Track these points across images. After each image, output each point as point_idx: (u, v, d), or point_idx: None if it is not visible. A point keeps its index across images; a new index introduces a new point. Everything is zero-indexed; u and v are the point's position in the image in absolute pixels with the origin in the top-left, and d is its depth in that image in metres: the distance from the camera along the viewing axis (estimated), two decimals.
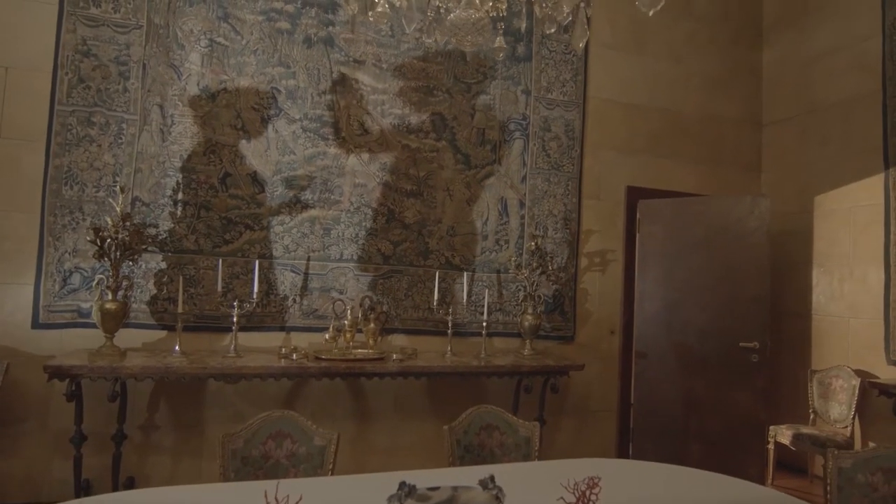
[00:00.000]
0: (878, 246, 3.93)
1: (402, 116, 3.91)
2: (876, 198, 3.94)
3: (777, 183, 4.77)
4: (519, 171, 4.19)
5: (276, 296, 3.64)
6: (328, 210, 3.75)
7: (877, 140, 3.93)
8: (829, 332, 4.28)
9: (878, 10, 3.94)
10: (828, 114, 4.33)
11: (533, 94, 4.22)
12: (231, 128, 3.56)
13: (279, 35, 3.65)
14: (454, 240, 4.02)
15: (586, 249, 4.39)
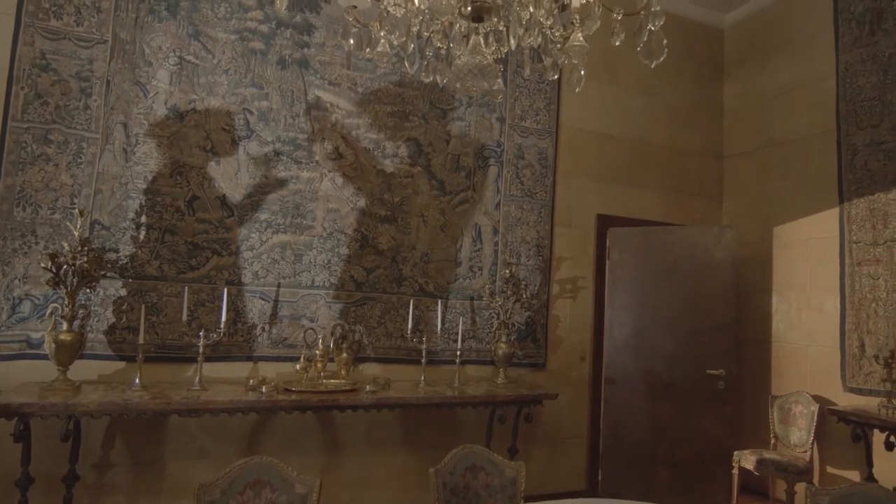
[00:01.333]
0: (833, 277, 4.10)
1: (377, 141, 3.85)
2: (832, 231, 4.13)
3: (738, 213, 4.94)
4: (493, 198, 4.20)
5: (244, 324, 3.50)
6: (300, 235, 3.64)
7: (832, 176, 4.12)
8: (788, 359, 4.43)
9: (833, 52, 4.16)
10: (786, 149, 4.53)
11: (507, 122, 4.25)
12: (200, 149, 3.43)
13: (252, 55, 3.56)
14: (428, 266, 3.97)
15: (558, 276, 4.42)
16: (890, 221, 3.77)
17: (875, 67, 3.89)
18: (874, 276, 3.85)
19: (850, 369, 3.96)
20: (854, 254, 3.97)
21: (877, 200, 3.85)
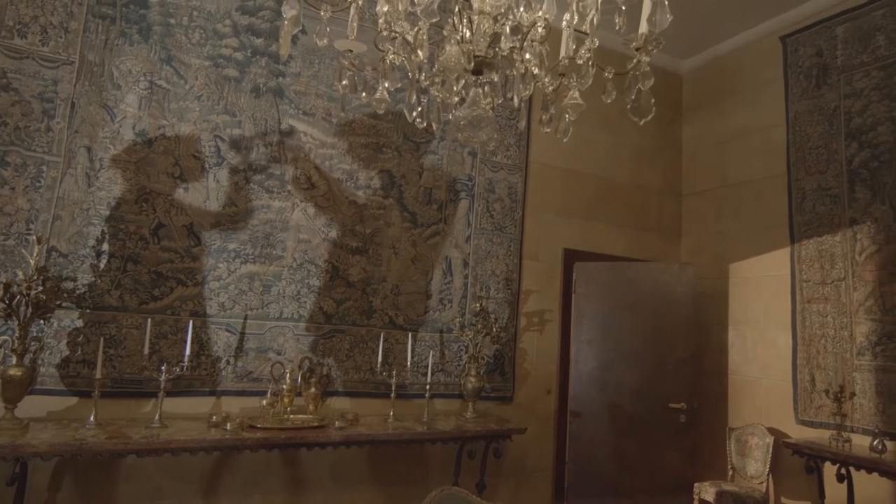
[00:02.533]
0: (785, 313, 4.30)
1: (350, 172, 3.84)
2: (783, 269, 4.34)
3: (696, 249, 5.14)
4: (464, 231, 4.23)
5: (208, 357, 3.37)
6: (269, 266, 3.56)
7: (783, 218, 4.36)
8: (744, 392, 4.59)
9: (783, 102, 4.44)
10: (740, 189, 4.77)
11: (479, 157, 4.32)
12: (168, 176, 3.33)
13: (226, 82, 3.50)
14: (398, 299, 3.95)
15: (526, 309, 4.47)
16: (836, 262, 4.00)
17: (821, 118, 4.17)
18: (823, 313, 4.06)
19: (802, 402, 4.13)
20: (804, 292, 4.19)
21: (824, 242, 4.08)
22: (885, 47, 3.83)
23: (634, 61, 1.59)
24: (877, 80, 3.85)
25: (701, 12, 3.97)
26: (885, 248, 3.74)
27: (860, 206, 3.89)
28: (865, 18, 3.94)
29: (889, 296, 3.69)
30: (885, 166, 3.77)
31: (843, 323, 3.92)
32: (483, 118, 1.63)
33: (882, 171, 3.78)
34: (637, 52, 1.57)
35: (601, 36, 1.75)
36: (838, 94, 4.06)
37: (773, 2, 4.30)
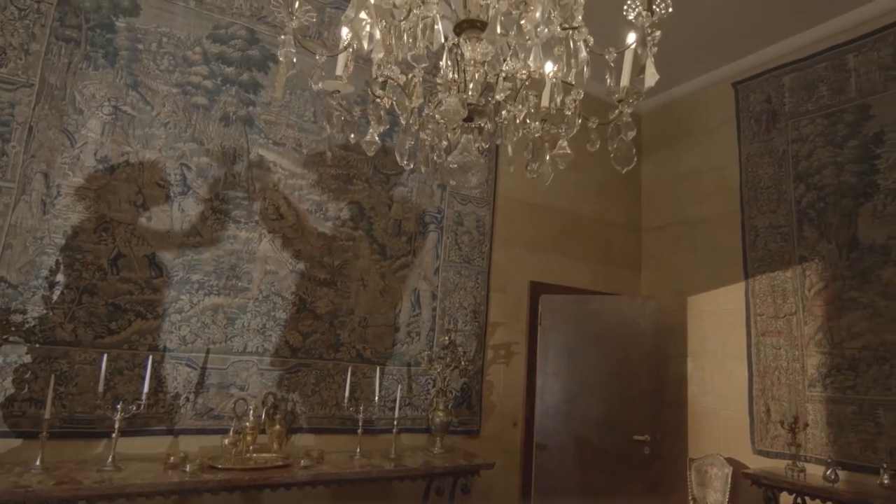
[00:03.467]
0: (741, 346, 4.46)
1: (319, 203, 3.80)
2: (738, 303, 4.52)
3: (655, 283, 5.30)
4: (432, 264, 4.23)
5: (166, 394, 3.22)
6: (234, 298, 3.46)
7: (738, 254, 4.56)
8: (703, 422, 4.71)
9: (735, 144, 4.68)
10: (697, 226, 4.97)
11: (448, 190, 4.35)
12: (130, 204, 3.21)
13: (195, 110, 3.43)
14: (366, 331, 3.89)
15: (493, 342, 4.48)
16: (788, 297, 4.19)
17: (771, 160, 4.41)
18: (776, 346, 4.23)
19: (759, 433, 4.26)
20: (759, 325, 4.36)
21: (776, 277, 4.28)
22: (828, 97, 4.11)
23: (616, 112, 1.65)
24: (821, 126, 4.12)
25: (659, 57, 4.18)
26: (832, 285, 3.95)
27: (809, 245, 4.11)
28: (809, 70, 4.23)
29: (836, 330, 3.89)
30: (830, 207, 4.01)
31: (796, 355, 4.10)
32: (474, 164, 1.65)
33: (827, 211, 4.02)
34: (619, 103, 1.63)
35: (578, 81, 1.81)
36: (787, 139, 4.32)
37: (725, 50, 4.57)
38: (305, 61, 3.91)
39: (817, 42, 4.15)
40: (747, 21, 4.12)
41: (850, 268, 3.86)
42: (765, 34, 4.30)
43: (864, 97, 3.91)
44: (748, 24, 4.16)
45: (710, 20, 4.08)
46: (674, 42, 1.69)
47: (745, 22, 4.13)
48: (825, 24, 4.06)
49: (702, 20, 4.03)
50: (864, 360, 3.73)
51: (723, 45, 4.46)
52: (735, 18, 4.09)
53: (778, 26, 4.20)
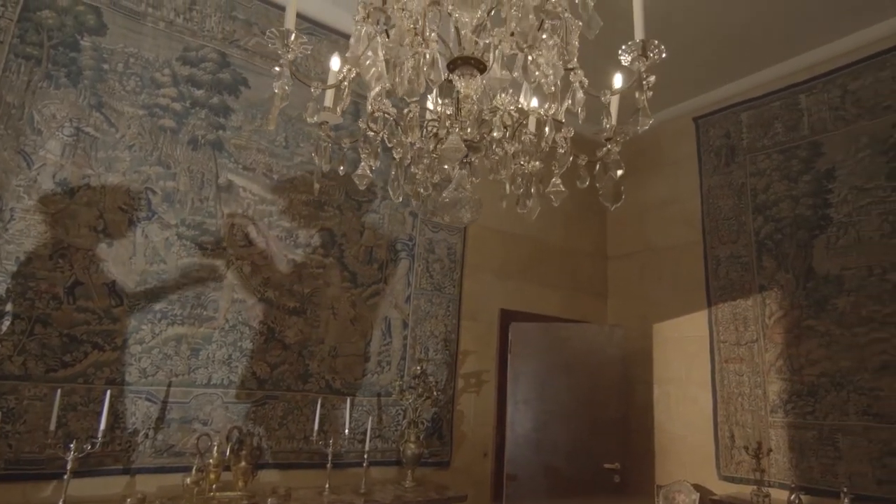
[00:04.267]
0: (706, 372, 4.56)
1: (290, 230, 3.72)
2: (702, 331, 4.63)
3: (621, 310, 5.38)
4: (404, 291, 4.18)
5: (124, 430, 3.03)
6: (199, 327, 3.32)
7: (701, 282, 4.69)
8: (670, 449, 4.76)
9: (697, 177, 4.85)
10: (661, 255, 5.09)
11: (420, 217, 4.34)
12: (90, 229, 3.06)
13: (161, 133, 3.33)
14: (336, 361, 3.79)
15: (463, 370, 4.43)
16: (749, 325, 4.33)
17: (731, 192, 4.59)
18: (739, 373, 4.34)
19: (724, 459, 4.34)
20: (722, 352, 4.47)
21: (738, 306, 4.41)
22: (783, 134, 4.32)
23: (604, 150, 1.68)
24: (777, 161, 4.32)
25: (624, 91, 4.35)
26: (790, 314, 4.10)
27: (768, 274, 4.26)
28: (765, 108, 4.45)
29: (796, 357, 4.02)
30: (787, 239, 4.18)
31: (758, 382, 4.21)
32: (469, 200, 1.65)
33: (785, 243, 4.19)
34: (607, 142, 1.66)
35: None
36: (745, 172, 4.51)
37: (687, 86, 4.76)
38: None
39: (772, 82, 4.38)
40: (708, 59, 4.32)
41: (807, 297, 4.02)
42: (724, 72, 4.51)
43: (815, 135, 4.13)
44: (709, 62, 4.35)
45: (673, 57, 4.24)
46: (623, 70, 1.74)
47: (706, 59, 4.33)
48: (779, 66, 4.28)
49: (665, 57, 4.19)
50: (822, 387, 3.86)
51: (686, 82, 4.65)
52: (697, 56, 4.28)
53: (736, 65, 4.41)
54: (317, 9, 3.96)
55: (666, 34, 1.58)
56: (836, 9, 3.73)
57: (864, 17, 3.80)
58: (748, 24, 3.92)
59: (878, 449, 3.56)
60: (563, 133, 1.68)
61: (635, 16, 1.49)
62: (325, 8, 3.99)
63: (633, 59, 1.40)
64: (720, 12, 3.83)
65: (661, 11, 3.65)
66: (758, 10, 3.78)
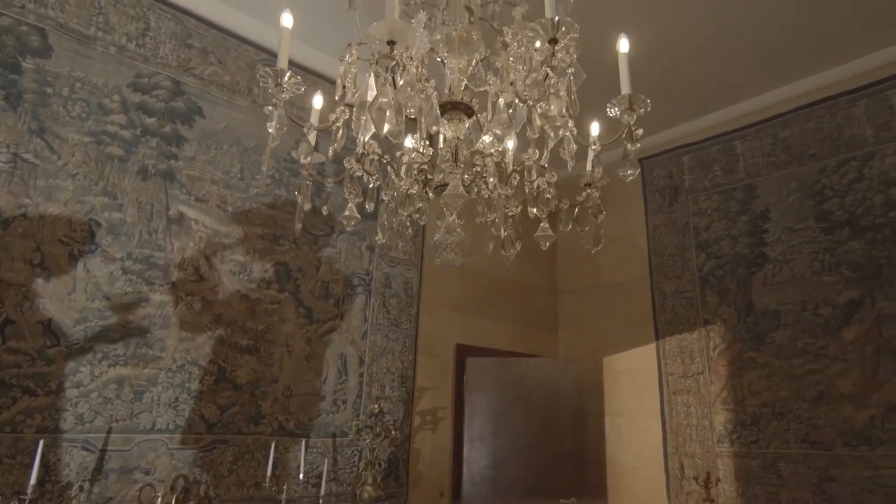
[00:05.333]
0: (655, 404, 4.69)
1: (243, 264, 3.58)
2: (651, 363, 4.78)
3: (573, 344, 5.48)
4: (360, 327, 4.09)
5: (56, 483, 2.76)
6: (144, 368, 3.11)
7: (649, 316, 4.85)
8: (622, 481, 4.82)
9: (644, 214, 5.07)
10: (611, 289, 5.25)
11: (377, 251, 4.29)
12: (25, 263, 2.82)
13: (109, 161, 3.15)
14: (290, 401, 3.63)
15: (419, 408, 4.35)
16: (695, 358, 4.50)
17: (675, 230, 4.82)
18: (687, 404, 4.49)
19: (674, 489, 4.44)
20: (670, 384, 4.62)
21: (684, 339, 4.59)
22: (721, 176, 4.60)
23: (584, 195, 1.73)
24: (716, 202, 4.59)
25: (580, 130, 4.59)
26: (733, 346, 4.30)
27: (711, 309, 4.47)
28: (705, 152, 4.74)
29: (739, 388, 4.21)
30: (728, 275, 4.42)
31: (704, 413, 4.37)
32: (460, 243, 1.65)
33: (726, 279, 4.42)
34: (587, 187, 1.71)
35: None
36: (688, 212, 4.75)
37: (634, 129, 5.00)
38: (234, 118, 3.78)
39: (711, 128, 4.68)
40: (654, 105, 4.56)
41: (747, 330, 4.23)
42: (668, 118, 4.79)
43: (750, 178, 4.42)
44: (654, 108, 4.58)
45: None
46: (592, 118, 1.85)
47: (652, 106, 4.57)
48: (717, 113, 4.59)
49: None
50: (764, 416, 4.05)
51: (633, 124, 4.88)
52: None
53: (678, 112, 4.70)
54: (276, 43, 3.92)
55: (616, 84, 1.68)
56: (765, 65, 4.06)
57: (792, 74, 4.15)
58: (689, 76, 4.20)
59: (816, 475, 3.74)
60: (547, 178, 1.71)
61: (621, 71, 1.57)
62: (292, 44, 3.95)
63: (622, 112, 1.45)
64: (665, 69, 4.09)
65: (613, 65, 3.85)
66: (697, 65, 4.06)
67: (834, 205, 3.96)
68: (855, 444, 3.63)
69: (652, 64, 4.01)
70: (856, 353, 3.71)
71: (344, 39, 1.87)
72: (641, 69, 4.00)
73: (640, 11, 3.59)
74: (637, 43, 2.17)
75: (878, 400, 3.59)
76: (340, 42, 1.93)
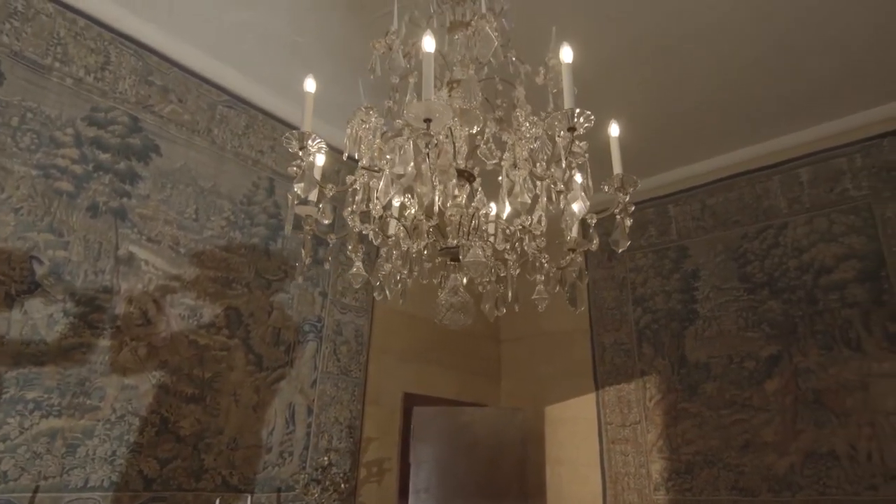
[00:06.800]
0: (595, 453, 4.83)
1: (194, 308, 3.44)
2: (591, 412, 4.95)
3: (514, 392, 5.58)
4: (310, 375, 3.99)
5: None
6: (80, 419, 2.87)
7: (589, 366, 5.06)
8: None
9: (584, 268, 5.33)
10: (553, 339, 5.43)
11: (329, 298, 4.24)
12: None
13: (57, 196, 2.98)
14: (235, 454, 3.46)
15: (366, 459, 4.26)
16: (633, 408, 4.72)
17: (614, 285, 5.11)
18: (625, 453, 4.66)
19: None
20: (609, 433, 4.79)
21: (622, 389, 4.81)
22: (656, 236, 4.97)
23: (568, 259, 1.86)
24: (651, 260, 4.93)
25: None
26: (668, 397, 4.56)
27: (647, 360, 4.73)
28: (641, 213, 5.10)
29: (674, 437, 4.44)
30: (663, 329, 4.72)
31: (642, 461, 4.55)
32: (464, 304, 1.71)
33: (661, 332, 4.72)
34: (570, 252, 1.84)
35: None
36: (625, 268, 5.07)
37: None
38: (192, 157, 3.71)
39: (647, 191, 5.06)
40: (596, 171, 4.90)
41: (681, 382, 4.51)
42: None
43: (682, 239, 4.81)
44: (598, 173, 4.94)
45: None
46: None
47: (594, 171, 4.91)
48: (653, 178, 4.98)
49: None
50: (697, 464, 4.28)
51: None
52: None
53: None
54: (239, 86, 3.92)
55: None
56: (695, 139, 4.50)
57: (717, 148, 4.62)
58: (627, 147, 4.55)
59: None
60: (537, 244, 1.83)
61: (613, 154, 1.74)
62: (248, 87, 3.96)
63: (615, 190, 1.60)
64: (606, 143, 4.43)
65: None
66: (634, 138, 4.42)
67: (755, 267, 4.37)
68: (778, 489, 3.91)
69: (598, 137, 4.32)
70: (777, 403, 4.04)
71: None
72: (590, 140, 4.31)
73: (594, 95, 3.90)
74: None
75: (797, 448, 3.91)
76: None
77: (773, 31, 3.40)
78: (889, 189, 3.95)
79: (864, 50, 3.52)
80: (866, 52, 3.53)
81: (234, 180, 3.81)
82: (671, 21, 3.34)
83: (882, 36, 3.41)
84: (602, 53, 3.55)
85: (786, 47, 3.52)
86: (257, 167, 3.97)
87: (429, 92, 1.32)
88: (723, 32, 3.43)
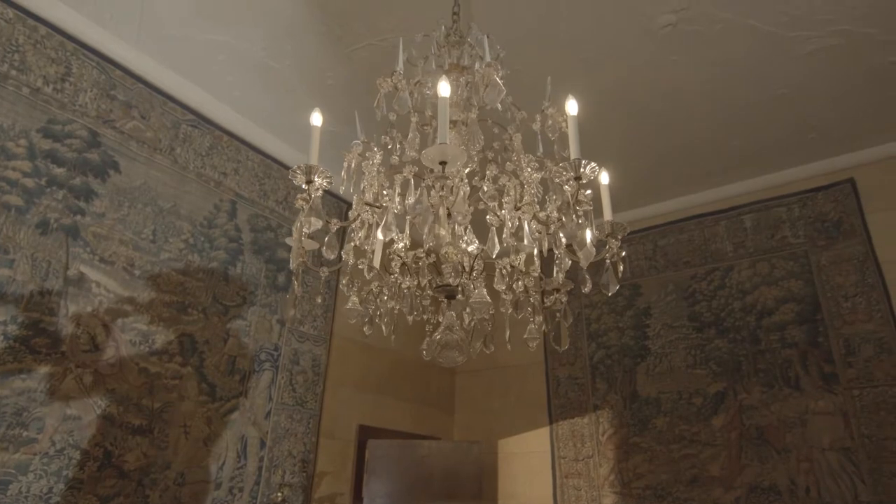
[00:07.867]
0: (548, 487, 4.85)
1: (146, 334, 3.26)
2: (545, 446, 4.98)
3: (467, 425, 5.55)
4: (264, 406, 3.84)
5: None
6: (13, 453, 2.64)
7: (543, 399, 5.11)
8: None
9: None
10: (507, 372, 5.47)
11: (287, 326, 4.13)
12: None
13: (4, 211, 2.79)
14: (182, 490, 3.26)
15: (318, 494, 4.10)
16: (586, 442, 4.79)
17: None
18: (578, 487, 4.71)
19: None
20: (562, 467, 4.83)
21: (576, 423, 4.88)
22: None
23: (553, 299, 1.91)
24: (606, 296, 5.08)
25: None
26: (620, 431, 4.66)
27: (601, 395, 4.84)
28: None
29: (625, 471, 4.53)
30: (616, 364, 4.85)
31: (594, 496, 4.61)
32: (459, 343, 1.71)
33: (614, 367, 4.85)
34: (555, 292, 1.89)
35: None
36: (580, 303, 5.20)
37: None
38: (153, 176, 3.59)
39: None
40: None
41: (632, 416, 4.62)
42: None
43: (635, 278, 4.99)
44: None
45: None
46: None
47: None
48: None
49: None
50: (647, 499, 4.37)
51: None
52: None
53: None
54: (206, 106, 3.83)
55: None
56: (646, 184, 4.74)
57: (669, 193, 4.87)
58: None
59: None
60: (526, 282, 1.86)
61: (604, 201, 1.81)
62: (215, 107, 3.88)
63: (607, 237, 1.68)
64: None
65: None
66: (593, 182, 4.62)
67: (703, 307, 4.59)
68: None
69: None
70: (723, 438, 4.21)
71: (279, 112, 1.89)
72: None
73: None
74: None
75: (742, 482, 4.07)
76: (275, 115, 1.95)
77: (726, 90, 3.66)
78: (823, 238, 4.27)
79: (807, 111, 3.84)
80: (809, 113, 3.85)
81: (195, 202, 3.69)
82: (638, 81, 3.55)
83: (822, 99, 3.73)
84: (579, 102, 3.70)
85: (739, 105, 3.79)
86: (219, 189, 3.86)
87: (444, 135, 1.34)
88: (684, 93, 3.66)
